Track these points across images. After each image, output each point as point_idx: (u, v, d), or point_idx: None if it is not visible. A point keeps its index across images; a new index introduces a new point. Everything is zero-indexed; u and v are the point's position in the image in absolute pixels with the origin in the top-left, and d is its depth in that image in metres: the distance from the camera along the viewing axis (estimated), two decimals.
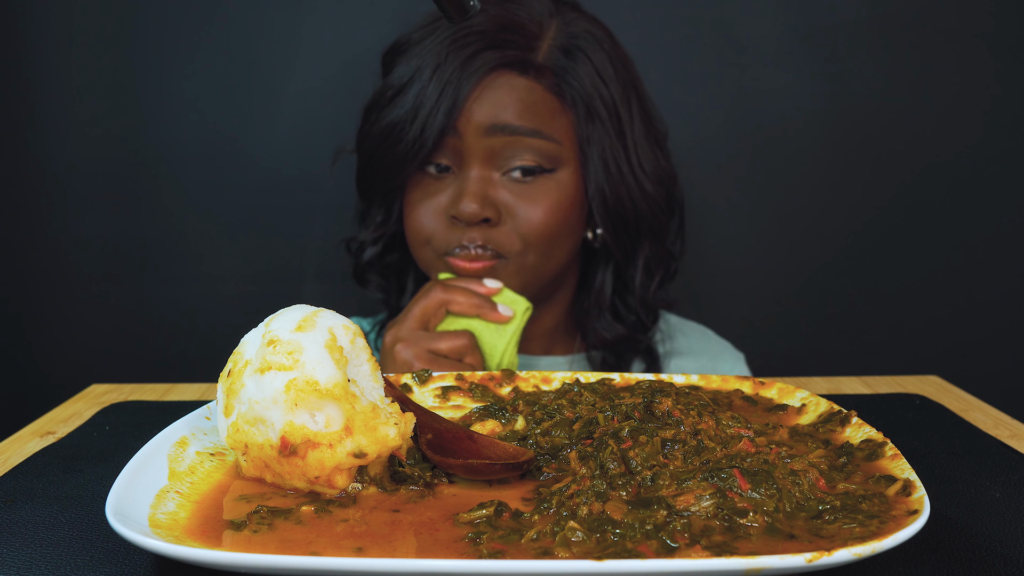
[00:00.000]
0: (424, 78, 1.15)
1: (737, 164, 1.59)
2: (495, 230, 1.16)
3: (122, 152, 1.55)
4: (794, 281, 1.62)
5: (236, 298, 1.58)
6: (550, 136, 1.16)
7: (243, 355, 0.67)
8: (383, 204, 1.26)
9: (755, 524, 0.58)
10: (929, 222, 1.60)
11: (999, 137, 1.58)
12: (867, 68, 1.55)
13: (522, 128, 1.14)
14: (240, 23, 1.53)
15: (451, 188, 1.17)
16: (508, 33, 1.16)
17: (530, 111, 1.15)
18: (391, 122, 1.17)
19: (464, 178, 1.16)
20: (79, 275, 1.58)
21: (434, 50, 1.15)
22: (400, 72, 1.18)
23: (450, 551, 0.56)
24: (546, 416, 0.76)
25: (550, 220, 1.16)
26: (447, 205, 1.17)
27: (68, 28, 1.51)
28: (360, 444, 0.64)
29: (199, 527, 0.60)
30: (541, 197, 1.16)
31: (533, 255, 1.17)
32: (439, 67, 1.14)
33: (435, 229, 1.18)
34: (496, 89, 1.14)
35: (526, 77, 1.16)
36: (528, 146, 1.15)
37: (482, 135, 1.14)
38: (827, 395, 0.93)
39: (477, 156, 1.15)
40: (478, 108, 1.14)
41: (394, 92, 1.18)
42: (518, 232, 1.16)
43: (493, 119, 1.14)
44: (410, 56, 1.18)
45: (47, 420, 0.92)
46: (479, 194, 1.14)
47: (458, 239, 1.16)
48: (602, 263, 1.27)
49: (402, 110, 1.16)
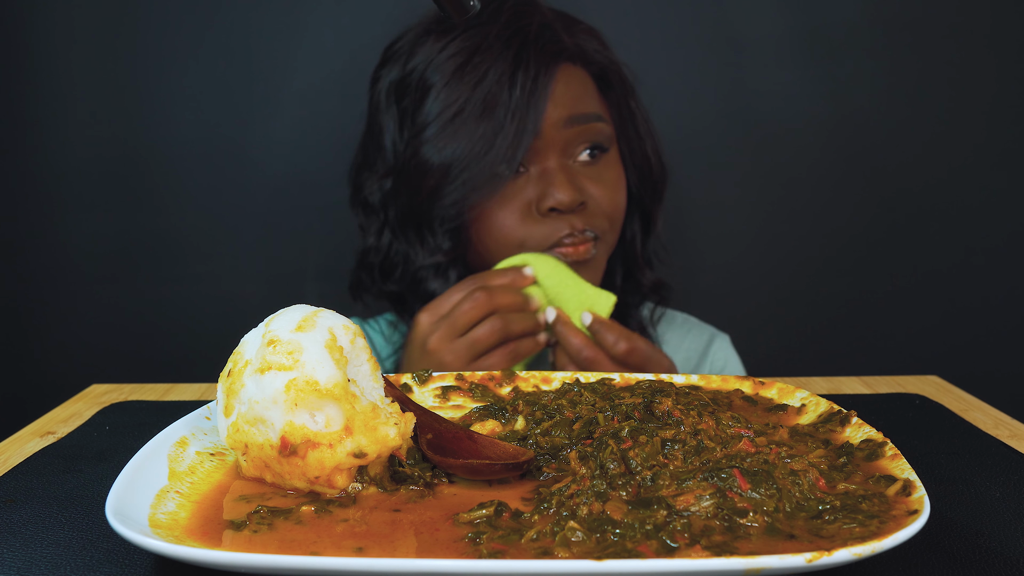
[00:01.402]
0: (500, 86, 1.14)
1: (737, 164, 1.59)
2: (588, 212, 1.19)
3: (122, 152, 1.55)
4: (794, 281, 1.62)
5: (236, 298, 1.58)
6: (605, 118, 1.23)
7: (243, 355, 0.67)
8: (448, 228, 1.19)
9: (755, 524, 0.58)
10: (929, 222, 1.61)
11: (999, 137, 1.58)
12: (867, 68, 1.55)
13: (591, 115, 1.20)
14: (240, 23, 1.53)
15: (531, 186, 1.18)
16: (547, 30, 1.20)
17: (591, 97, 1.22)
18: (468, 140, 1.14)
19: (546, 170, 1.18)
20: (79, 275, 1.58)
21: (498, 58, 1.15)
22: (455, 89, 1.16)
23: (450, 551, 0.56)
24: (546, 416, 0.76)
25: (619, 195, 1.24)
26: (535, 201, 1.18)
27: (68, 28, 1.51)
28: (360, 444, 0.64)
29: (199, 527, 0.60)
30: (610, 176, 1.23)
31: (613, 233, 1.24)
32: (517, 71, 1.15)
33: (528, 229, 1.17)
34: (563, 83, 1.18)
35: (577, 66, 1.21)
36: (594, 131, 1.20)
37: (560, 128, 1.18)
38: (827, 395, 0.93)
39: (555, 148, 1.18)
40: (555, 105, 1.17)
41: (459, 107, 1.15)
42: (604, 212, 1.21)
43: (569, 112, 1.18)
44: (456, 76, 1.16)
45: (47, 420, 0.92)
46: (569, 182, 1.17)
47: (559, 230, 1.17)
48: (629, 222, 1.32)
49: (483, 125, 1.14)
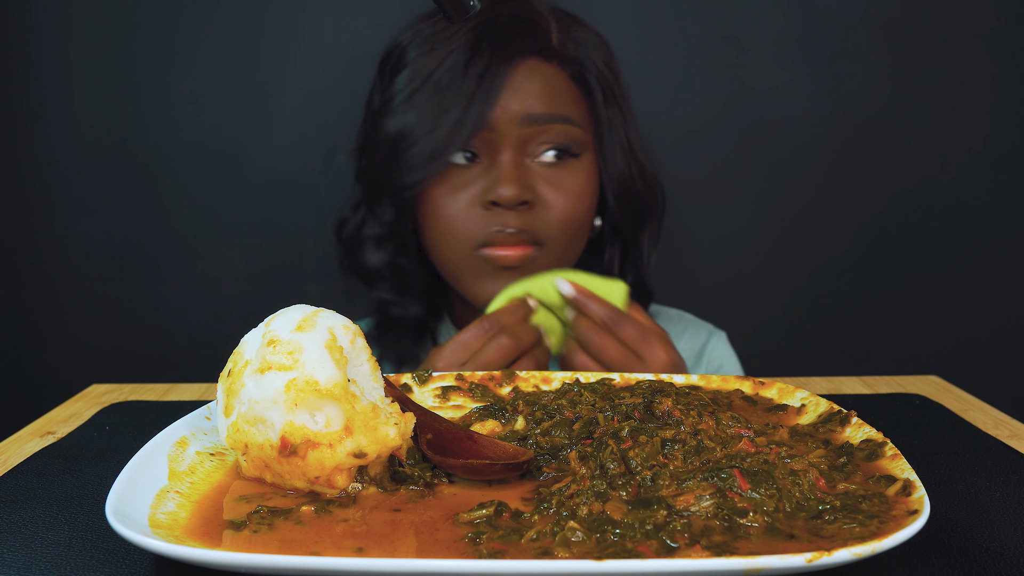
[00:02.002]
0: (455, 68, 1.13)
1: (736, 164, 1.59)
2: (532, 214, 1.15)
3: (122, 152, 1.55)
4: (794, 281, 1.62)
5: (236, 298, 1.58)
6: (576, 122, 1.18)
7: (243, 355, 0.67)
8: (394, 202, 1.21)
9: (755, 524, 0.58)
10: (929, 222, 1.61)
11: (999, 137, 1.58)
12: (867, 68, 1.55)
13: (555, 116, 1.15)
14: (239, 22, 1.53)
15: (481, 177, 1.15)
16: (525, 23, 1.17)
17: (559, 97, 1.17)
18: (419, 116, 1.14)
19: (498, 164, 1.15)
20: (79, 275, 1.58)
21: (461, 40, 1.14)
22: (421, 64, 1.15)
23: (450, 551, 0.56)
24: (546, 416, 0.76)
25: (580, 205, 1.18)
26: (479, 193, 1.15)
27: (68, 28, 1.51)
28: (360, 444, 0.64)
29: (199, 527, 0.60)
30: (571, 181, 1.17)
31: (564, 243, 1.18)
32: (473, 57, 1.12)
33: (469, 219, 1.15)
34: (526, 78, 1.15)
35: (551, 63, 1.17)
36: (559, 132, 1.16)
37: (516, 124, 1.14)
38: (827, 395, 0.93)
39: (510, 143, 1.15)
40: (512, 98, 1.14)
41: (417, 85, 1.15)
42: (552, 218, 1.16)
43: (527, 109, 1.14)
44: (425, 50, 1.16)
45: (47, 420, 0.92)
46: (516, 177, 1.14)
47: (492, 225, 1.14)
48: (607, 244, 1.29)
49: (433, 103, 1.13)
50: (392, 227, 1.22)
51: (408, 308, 1.29)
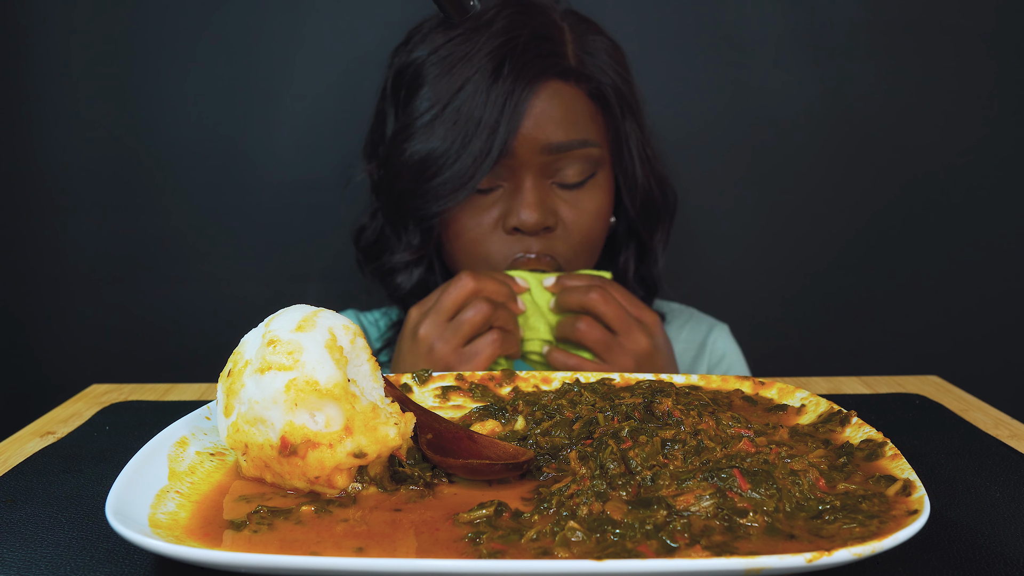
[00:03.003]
0: (477, 94, 1.12)
1: (737, 164, 1.59)
2: (552, 237, 1.17)
3: (122, 152, 1.55)
4: (794, 281, 1.62)
5: (236, 298, 1.58)
6: (595, 143, 1.18)
7: (243, 355, 0.67)
8: (420, 227, 1.21)
9: (755, 524, 0.58)
10: (929, 222, 1.60)
11: (1000, 137, 1.58)
12: (867, 68, 1.55)
13: (575, 142, 1.16)
14: (241, 24, 1.53)
15: (502, 201, 1.17)
16: (545, 43, 1.15)
17: (579, 121, 1.17)
18: (442, 143, 1.13)
19: (520, 189, 1.16)
20: (79, 275, 1.58)
21: (482, 64, 1.12)
22: (441, 87, 1.14)
23: (450, 551, 0.56)
24: (546, 416, 0.76)
25: (598, 223, 1.20)
26: (501, 218, 1.17)
27: (68, 28, 1.51)
28: (360, 444, 0.64)
29: (199, 527, 0.60)
30: (590, 201, 1.19)
31: (582, 259, 1.21)
32: (495, 83, 1.11)
33: (492, 244, 1.17)
34: (546, 102, 1.14)
35: (568, 84, 1.16)
36: (580, 156, 1.17)
37: (538, 153, 1.14)
38: (827, 395, 0.93)
39: (531, 169, 1.16)
40: (533, 126, 1.13)
41: (438, 111, 1.14)
42: (572, 238, 1.18)
43: (549, 138, 1.14)
44: (445, 69, 1.14)
45: (47, 420, 0.92)
46: (539, 204, 1.14)
47: (516, 251, 1.16)
48: (623, 247, 1.30)
49: (456, 131, 1.12)
50: (420, 252, 1.23)
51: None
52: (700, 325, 1.39)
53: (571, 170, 1.17)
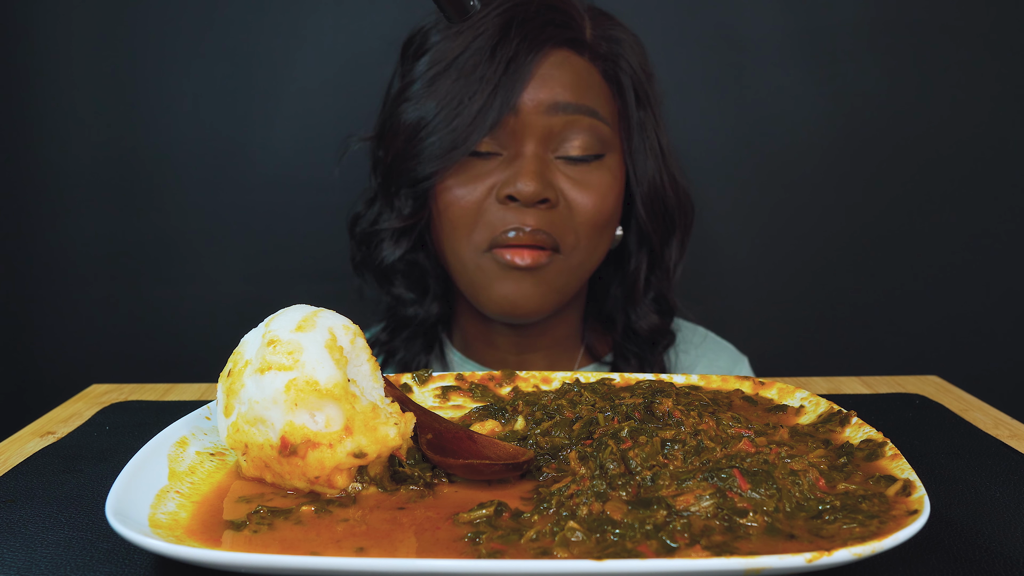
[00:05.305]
0: (481, 53, 1.07)
1: (737, 164, 1.59)
2: (552, 214, 1.09)
3: (122, 152, 1.55)
4: (794, 281, 1.62)
5: (236, 298, 1.58)
6: (604, 118, 1.12)
7: (243, 355, 0.67)
8: (412, 193, 1.14)
9: (755, 524, 0.58)
10: (930, 222, 1.61)
11: (1000, 137, 1.58)
12: (868, 69, 1.55)
13: (583, 107, 1.10)
14: (240, 22, 1.53)
15: (500, 169, 1.10)
16: (557, 13, 1.12)
17: (589, 91, 1.12)
18: (440, 103, 1.09)
19: (520, 156, 1.09)
20: (79, 275, 1.58)
21: (489, 24, 1.08)
22: (444, 48, 1.10)
23: (450, 551, 0.56)
24: (546, 416, 0.76)
25: (602, 207, 1.12)
26: (498, 185, 1.09)
27: (68, 28, 1.51)
28: (360, 444, 0.64)
29: (199, 527, 0.60)
30: (594, 182, 1.12)
31: (582, 249, 1.13)
32: (500, 42, 1.07)
33: (484, 214, 1.09)
34: (556, 67, 1.10)
35: (582, 57, 1.13)
36: (586, 126, 1.11)
37: (542, 113, 1.09)
38: (827, 395, 0.93)
39: (534, 135, 1.09)
40: (539, 86, 1.09)
41: (440, 69, 1.10)
42: (573, 219, 1.11)
43: (555, 97, 1.09)
44: (450, 34, 1.10)
45: (47, 420, 0.92)
46: (538, 173, 1.07)
47: (505, 223, 1.08)
48: (634, 252, 1.23)
49: (456, 89, 1.08)
50: (410, 220, 1.16)
51: (423, 308, 1.25)
52: (719, 357, 1.30)
53: (577, 141, 1.10)
